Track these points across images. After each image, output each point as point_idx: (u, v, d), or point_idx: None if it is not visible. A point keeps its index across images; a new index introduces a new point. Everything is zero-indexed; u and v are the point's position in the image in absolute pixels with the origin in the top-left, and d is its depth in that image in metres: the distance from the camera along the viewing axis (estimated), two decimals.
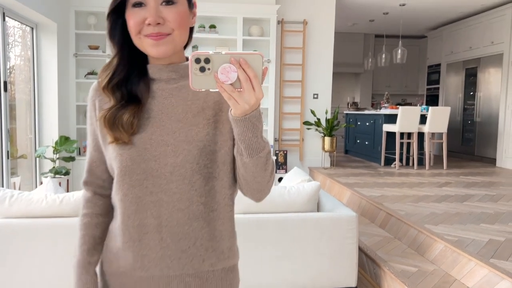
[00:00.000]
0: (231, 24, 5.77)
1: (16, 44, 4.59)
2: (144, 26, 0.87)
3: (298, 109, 6.25)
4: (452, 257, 2.67)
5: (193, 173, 0.92)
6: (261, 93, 0.77)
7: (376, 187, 4.64)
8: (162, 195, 0.92)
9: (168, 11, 0.87)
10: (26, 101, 4.80)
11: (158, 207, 0.92)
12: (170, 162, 0.91)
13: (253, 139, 0.84)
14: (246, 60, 0.76)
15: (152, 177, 0.91)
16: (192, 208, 0.92)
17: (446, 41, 8.23)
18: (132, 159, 0.91)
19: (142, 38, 0.89)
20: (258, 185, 0.92)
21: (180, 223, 0.92)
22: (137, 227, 0.92)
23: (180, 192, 0.92)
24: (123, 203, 0.93)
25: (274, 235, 2.55)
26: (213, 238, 0.95)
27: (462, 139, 7.70)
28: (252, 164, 0.87)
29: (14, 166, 4.51)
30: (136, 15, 0.87)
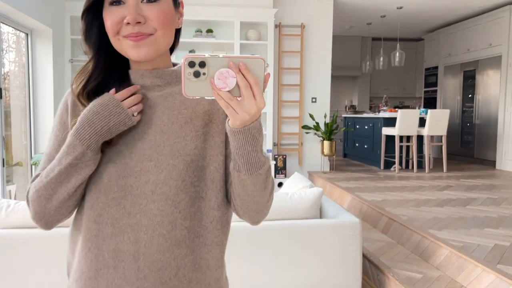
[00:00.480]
0: (228, 28, 5.73)
1: (10, 50, 4.53)
2: (123, 25, 0.79)
3: (297, 113, 6.21)
4: (458, 263, 2.62)
5: (178, 192, 0.81)
6: (263, 101, 0.69)
7: (377, 192, 4.59)
8: (141, 217, 0.80)
9: (150, 9, 0.79)
10: (21, 107, 4.74)
11: (137, 231, 0.80)
12: (152, 179, 0.80)
13: (252, 153, 0.75)
14: (247, 64, 0.68)
15: (131, 196, 0.80)
16: (174, 233, 0.80)
17: (444, 44, 8.22)
18: (109, 175, 0.80)
19: (121, 39, 0.80)
20: (256, 205, 0.82)
21: (160, 250, 0.80)
22: (113, 252, 0.80)
23: (162, 214, 0.80)
24: (97, 224, 0.80)
25: (276, 242, 2.50)
26: (198, 268, 0.83)
27: (461, 141, 7.68)
28: (251, 182, 0.78)
29: (10, 174, 4.44)
30: (114, 13, 0.78)
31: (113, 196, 0.80)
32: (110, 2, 0.79)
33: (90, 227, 0.81)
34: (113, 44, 0.82)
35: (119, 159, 0.81)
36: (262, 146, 0.78)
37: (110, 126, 0.79)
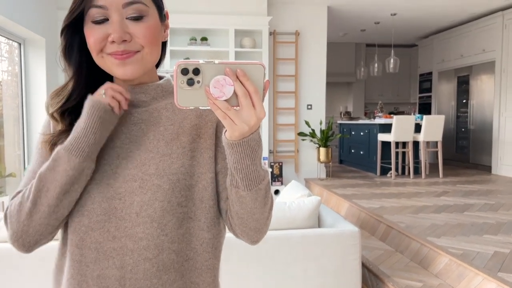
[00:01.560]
0: (223, 36, 5.72)
1: (3, 59, 4.48)
2: (107, 43, 0.74)
3: (292, 120, 6.20)
4: (458, 271, 2.59)
5: (164, 214, 0.76)
6: (263, 111, 0.63)
7: (374, 198, 4.57)
8: (126, 241, 0.75)
9: (135, 26, 0.74)
10: (14, 117, 4.69)
11: (122, 256, 0.75)
12: (137, 201, 0.75)
13: (251, 167, 0.70)
14: (245, 71, 0.62)
15: (116, 218, 0.75)
16: (162, 257, 0.76)
17: (437, 50, 8.26)
18: (91, 197, 0.76)
19: (105, 56, 0.75)
20: (255, 223, 0.77)
21: (147, 276, 0.75)
22: (97, 278, 0.75)
23: (148, 237, 0.75)
24: (79, 249, 0.76)
25: (274, 252, 2.47)
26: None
27: (456, 147, 7.70)
28: (250, 198, 0.73)
29: (2, 185, 4.38)
30: (97, 31, 0.73)
31: (96, 219, 0.75)
32: (92, 20, 0.74)
33: (73, 252, 0.77)
34: (96, 61, 0.77)
35: (102, 179, 0.76)
36: (261, 159, 0.73)
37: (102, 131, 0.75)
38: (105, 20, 0.73)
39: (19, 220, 0.75)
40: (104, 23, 0.73)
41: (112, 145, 0.79)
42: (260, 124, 0.68)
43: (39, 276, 2.26)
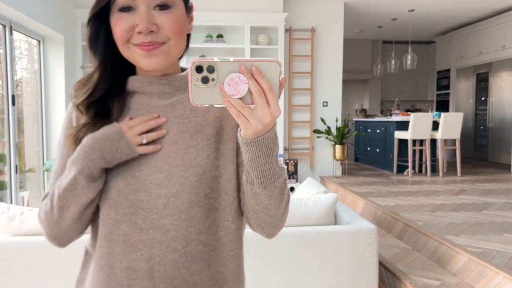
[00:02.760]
0: (239, 33, 5.72)
1: (22, 57, 4.56)
2: (134, 34, 0.74)
3: (308, 118, 6.17)
4: (477, 270, 2.56)
5: (191, 205, 0.76)
6: (278, 109, 0.63)
7: (390, 196, 4.53)
8: (154, 233, 0.75)
9: (163, 17, 0.74)
10: (33, 113, 4.77)
11: (150, 248, 0.75)
12: (164, 193, 0.75)
13: (267, 165, 0.70)
14: (260, 68, 0.61)
15: (143, 210, 0.75)
16: (189, 248, 0.76)
17: (456, 46, 8.13)
18: (118, 190, 0.76)
19: (131, 47, 0.75)
20: (271, 219, 0.77)
21: (175, 267, 0.76)
22: (126, 271, 0.76)
23: (176, 229, 0.75)
24: (108, 241, 0.77)
25: (291, 249, 2.46)
26: (214, 282, 0.79)
27: (474, 145, 7.57)
28: (265, 195, 0.73)
29: (22, 180, 4.46)
30: (124, 21, 0.73)
31: (123, 212, 0.76)
32: (119, 8, 0.74)
33: (102, 244, 0.78)
34: (122, 52, 0.77)
35: (128, 172, 0.77)
36: (277, 157, 0.73)
37: (104, 153, 0.75)
38: (132, 10, 0.73)
39: (49, 226, 0.78)
40: (131, 12, 0.73)
41: None
42: (275, 122, 0.68)
43: (61, 269, 2.30)
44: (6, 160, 4.06)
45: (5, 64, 3.94)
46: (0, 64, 3.98)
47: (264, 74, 0.61)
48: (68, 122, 0.84)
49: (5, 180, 4.08)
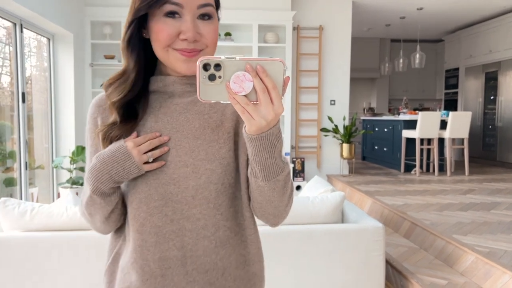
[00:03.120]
0: (247, 32, 5.73)
1: (31, 54, 4.60)
2: (177, 39, 0.78)
3: (315, 116, 6.17)
4: (485, 269, 2.55)
5: (218, 195, 0.81)
6: (281, 107, 0.66)
7: (398, 195, 4.52)
8: (184, 223, 0.80)
9: (205, 27, 0.79)
10: (43, 111, 4.81)
11: (181, 237, 0.80)
12: (192, 185, 0.80)
13: (270, 160, 0.73)
14: (264, 67, 0.64)
15: (172, 202, 0.80)
16: (218, 234, 0.82)
17: (465, 45, 8.08)
18: (148, 185, 0.80)
19: (171, 51, 0.79)
20: (274, 210, 0.81)
21: (207, 252, 0.81)
22: (158, 261, 0.80)
23: (205, 217, 0.81)
24: (140, 234, 0.81)
25: (298, 247, 2.48)
26: (240, 264, 0.85)
27: (483, 144, 7.53)
28: (268, 188, 0.77)
29: (32, 177, 4.51)
30: (171, 26, 0.77)
31: (154, 205, 0.80)
32: (165, 12, 0.77)
33: (134, 237, 0.82)
34: (159, 54, 0.81)
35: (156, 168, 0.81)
36: (281, 152, 0.76)
37: (112, 174, 0.79)
38: (177, 16, 0.77)
39: (87, 221, 0.89)
40: (176, 18, 0.77)
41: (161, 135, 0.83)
42: (279, 119, 0.70)
43: (71, 264, 2.33)
44: (16, 156, 4.11)
45: (15, 61, 3.98)
46: (10, 62, 4.03)
47: (269, 73, 0.64)
48: (92, 123, 0.87)
49: (15, 177, 4.13)
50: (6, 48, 4.08)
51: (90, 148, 0.88)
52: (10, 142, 4.15)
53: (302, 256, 2.48)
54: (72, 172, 4.54)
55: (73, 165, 4.55)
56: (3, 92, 4.14)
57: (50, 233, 2.35)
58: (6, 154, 4.10)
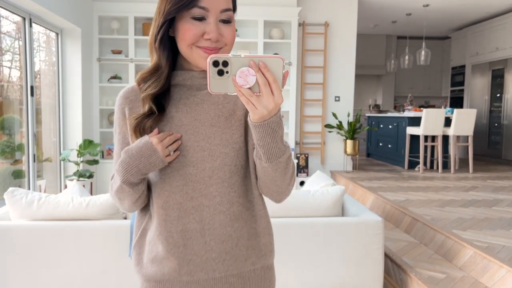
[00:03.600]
0: (252, 27, 5.77)
1: (40, 49, 4.68)
2: (201, 39, 0.89)
3: (320, 112, 6.20)
4: (482, 263, 2.59)
5: (232, 175, 0.94)
6: (281, 98, 0.76)
7: (400, 191, 4.55)
8: (202, 199, 0.93)
9: (226, 30, 0.90)
10: (51, 105, 4.89)
11: (200, 212, 0.93)
12: (208, 167, 0.92)
13: (272, 144, 0.83)
14: (266, 63, 0.74)
15: (192, 182, 0.92)
16: (233, 209, 0.94)
17: (471, 42, 8.05)
18: (171, 166, 0.92)
19: (194, 48, 0.89)
20: (277, 188, 0.93)
21: (222, 225, 0.93)
22: (181, 233, 0.93)
23: (220, 195, 0.93)
24: (164, 210, 0.93)
25: (298, 239, 2.52)
26: (251, 236, 0.97)
27: (488, 142, 7.51)
28: (271, 169, 0.87)
29: (40, 169, 4.59)
30: (197, 28, 0.88)
31: (176, 184, 0.92)
32: (193, 16, 0.87)
33: (159, 212, 0.94)
34: (183, 50, 0.91)
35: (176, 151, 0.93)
36: (283, 137, 0.85)
37: (140, 168, 0.90)
38: (203, 19, 0.88)
39: (116, 203, 1.00)
40: (202, 21, 0.88)
41: (180, 123, 0.93)
42: (280, 108, 0.80)
43: (76, 252, 2.40)
44: (24, 149, 4.19)
45: (24, 55, 4.05)
46: (19, 56, 4.10)
47: (270, 68, 0.74)
48: (120, 113, 0.98)
49: (23, 169, 4.22)
50: (16, 43, 4.16)
51: (118, 135, 0.99)
52: (19, 135, 4.23)
53: (302, 248, 2.53)
54: (79, 165, 4.62)
55: (80, 158, 4.62)
56: (13, 86, 4.21)
57: (56, 222, 2.42)
58: (15, 147, 4.18)
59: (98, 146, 4.70)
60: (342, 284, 2.56)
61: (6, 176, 4.12)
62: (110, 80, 5.60)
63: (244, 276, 0.97)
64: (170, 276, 0.94)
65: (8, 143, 4.13)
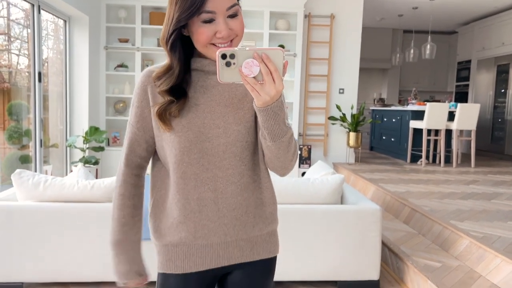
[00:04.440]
0: (258, 18, 5.79)
1: (48, 37, 4.74)
2: (214, 37, 0.96)
3: (323, 104, 6.24)
4: (478, 253, 2.63)
5: (243, 150, 1.04)
6: (281, 85, 0.85)
7: (401, 183, 4.60)
8: (216, 171, 1.03)
9: (234, 23, 0.97)
10: (58, 92, 4.96)
11: (214, 182, 1.03)
12: (223, 142, 1.02)
13: (275, 126, 0.94)
14: (268, 55, 0.83)
15: (207, 155, 1.02)
16: (243, 180, 1.05)
17: (478, 37, 8.03)
18: (189, 141, 1.01)
19: (209, 46, 0.97)
20: (281, 163, 1.03)
21: (234, 195, 1.04)
22: (197, 200, 1.03)
23: (233, 167, 1.04)
24: (183, 180, 1.03)
25: (297, 225, 2.58)
26: (258, 205, 1.09)
27: (491, 137, 7.52)
28: (275, 147, 0.98)
29: (46, 155, 4.67)
30: (208, 30, 0.95)
31: (193, 157, 1.02)
32: (203, 20, 0.95)
33: (177, 182, 1.04)
34: (200, 49, 0.99)
35: (195, 127, 1.02)
36: (284, 119, 0.95)
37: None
38: (212, 20, 0.96)
39: None
40: (211, 22, 0.96)
41: (198, 102, 1.02)
42: (282, 94, 0.92)
43: (80, 232, 2.47)
44: (32, 135, 4.26)
45: (33, 42, 4.11)
46: (28, 43, 4.16)
47: (271, 59, 0.84)
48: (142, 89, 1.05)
49: (30, 154, 4.30)
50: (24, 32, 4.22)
51: (136, 109, 1.07)
52: (26, 121, 4.30)
53: (301, 234, 2.58)
54: (85, 152, 4.69)
55: (86, 145, 4.70)
56: (21, 73, 4.28)
57: (62, 204, 2.49)
58: (22, 133, 4.26)
59: (104, 133, 4.77)
60: (340, 271, 2.62)
61: (13, 161, 4.20)
62: (116, 69, 5.66)
63: (252, 240, 1.09)
64: (186, 240, 1.05)
65: (16, 129, 4.21)
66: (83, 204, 2.49)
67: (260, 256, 1.11)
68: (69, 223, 2.47)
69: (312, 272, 2.61)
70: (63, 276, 2.51)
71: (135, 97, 1.07)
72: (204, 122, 1.02)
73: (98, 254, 2.50)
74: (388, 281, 2.80)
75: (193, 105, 1.02)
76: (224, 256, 1.07)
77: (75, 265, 2.50)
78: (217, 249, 1.06)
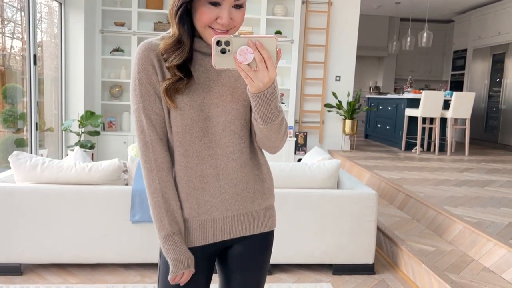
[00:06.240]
0: (255, 4, 5.75)
1: (42, 20, 4.68)
2: (215, 22, 0.98)
3: (320, 91, 6.24)
4: (471, 237, 2.68)
5: (242, 128, 1.08)
6: (274, 72, 0.88)
7: (396, 170, 4.64)
8: (217, 149, 1.06)
9: (237, 14, 0.99)
10: (53, 77, 4.92)
11: (215, 159, 1.06)
12: (222, 121, 1.05)
13: (267, 111, 0.97)
14: (262, 42, 0.85)
15: (208, 134, 1.05)
16: (243, 157, 1.09)
17: (474, 26, 8.03)
18: (191, 119, 1.04)
19: (207, 28, 0.99)
20: (271, 143, 1.08)
21: (234, 171, 1.08)
22: (199, 177, 1.07)
23: (232, 145, 1.07)
24: (185, 157, 1.06)
25: (293, 209, 2.60)
26: (257, 181, 1.13)
27: (485, 126, 7.58)
28: (266, 130, 1.02)
29: (42, 139, 4.65)
30: (212, 12, 0.97)
31: (196, 135, 1.05)
32: (209, 1, 0.96)
33: (180, 159, 1.07)
34: (198, 28, 1.01)
35: (196, 106, 1.03)
36: (276, 104, 0.98)
37: None
38: (218, 4, 0.97)
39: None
40: (217, 6, 0.97)
41: (198, 82, 1.04)
42: (274, 80, 0.94)
43: (76, 214, 2.48)
44: (27, 118, 4.24)
45: (27, 24, 4.07)
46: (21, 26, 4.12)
47: (265, 47, 0.85)
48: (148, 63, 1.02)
49: (25, 138, 4.28)
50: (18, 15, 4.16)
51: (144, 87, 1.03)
52: (21, 104, 4.27)
53: (298, 218, 2.61)
54: (80, 136, 4.68)
55: (81, 129, 4.68)
56: (15, 56, 4.24)
57: (59, 186, 2.49)
58: (17, 116, 4.23)
59: (99, 118, 4.75)
60: (335, 254, 2.66)
61: (8, 145, 4.18)
62: (112, 53, 5.61)
63: (252, 214, 1.13)
64: (189, 216, 1.08)
65: (11, 112, 4.18)
66: (80, 186, 2.50)
67: (259, 229, 1.15)
68: (66, 205, 2.48)
69: (308, 255, 2.65)
70: (61, 258, 2.53)
71: (141, 74, 1.02)
72: (204, 101, 1.04)
73: (97, 236, 2.52)
74: (382, 265, 2.84)
75: (194, 83, 1.03)
76: (226, 230, 1.11)
77: (72, 247, 2.51)
78: (219, 224, 1.10)
